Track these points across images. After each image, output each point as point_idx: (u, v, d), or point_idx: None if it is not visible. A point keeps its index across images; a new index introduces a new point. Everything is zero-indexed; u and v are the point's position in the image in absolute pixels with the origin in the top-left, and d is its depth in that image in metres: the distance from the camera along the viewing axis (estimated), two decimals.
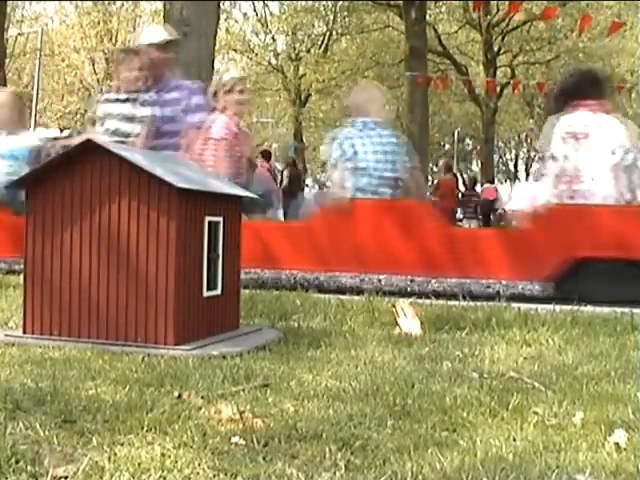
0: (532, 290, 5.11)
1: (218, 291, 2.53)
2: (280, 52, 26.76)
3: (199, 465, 1.30)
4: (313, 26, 25.73)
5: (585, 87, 4.72)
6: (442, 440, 1.49)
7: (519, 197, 5.02)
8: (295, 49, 25.67)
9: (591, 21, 10.29)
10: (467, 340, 2.69)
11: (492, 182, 19.54)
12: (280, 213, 8.85)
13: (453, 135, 33.33)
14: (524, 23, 21.93)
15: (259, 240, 4.41)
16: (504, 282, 5.18)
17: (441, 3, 22.59)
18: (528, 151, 35.71)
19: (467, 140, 37.28)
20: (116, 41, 27.87)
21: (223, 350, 2.30)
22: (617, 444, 1.47)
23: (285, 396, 1.78)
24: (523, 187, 5.43)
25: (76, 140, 3.45)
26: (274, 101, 28.37)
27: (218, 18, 7.58)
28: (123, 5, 28.02)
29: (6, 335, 2.44)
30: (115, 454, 1.34)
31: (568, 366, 2.23)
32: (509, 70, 24.92)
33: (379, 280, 5.54)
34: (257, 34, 27.17)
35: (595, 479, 1.31)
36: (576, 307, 3.36)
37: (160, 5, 18.33)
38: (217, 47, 9.54)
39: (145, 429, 1.49)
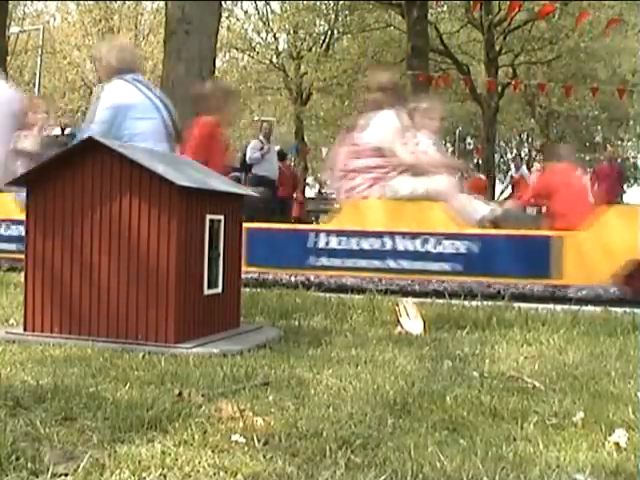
0: None
1: (219, 289, 2.53)
2: (281, 50, 26.72)
3: (199, 463, 1.30)
4: (314, 25, 25.68)
5: None
6: (442, 439, 1.49)
7: None
8: (296, 47, 25.61)
9: (589, 16, 10.29)
10: (468, 339, 2.69)
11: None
12: None
13: (454, 134, 33.30)
14: (525, 23, 21.89)
15: None
16: None
17: (443, 2, 22.55)
18: (529, 151, 35.69)
19: (468, 139, 37.24)
20: None
21: (224, 348, 2.30)
22: (617, 444, 1.47)
23: (285, 394, 1.78)
24: None
25: None
26: (275, 100, 28.33)
27: (219, 16, 7.58)
28: (125, 3, 27.98)
29: (7, 332, 2.44)
30: (115, 452, 1.34)
31: (568, 366, 2.23)
32: (510, 70, 24.88)
33: (380, 279, 5.54)
34: (259, 32, 27.13)
35: (595, 479, 1.31)
36: (576, 307, 3.37)
37: (162, 3, 18.31)
38: (218, 45, 9.52)
39: (145, 427, 1.49)
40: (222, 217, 2.53)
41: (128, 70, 4.78)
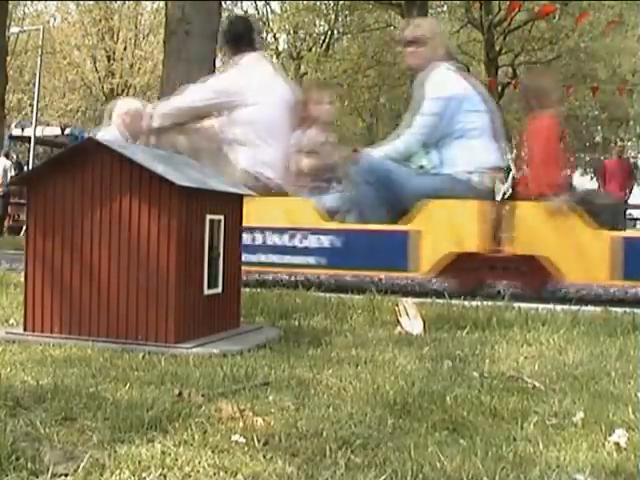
0: None
1: (219, 289, 2.53)
2: (281, 51, 26.75)
3: (199, 463, 1.30)
4: (314, 25, 25.73)
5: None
6: (442, 439, 1.48)
7: None
8: (296, 48, 25.66)
9: (589, 16, 10.33)
10: (468, 339, 2.69)
11: None
12: None
13: None
14: (525, 23, 21.91)
15: None
16: None
17: (442, 2, 22.57)
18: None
19: None
20: (117, 39, 27.87)
21: (224, 348, 2.31)
22: (617, 444, 1.47)
23: (285, 395, 1.78)
24: None
25: None
26: None
27: (220, 16, 7.57)
28: (125, 3, 28.01)
29: (7, 333, 2.44)
30: (115, 452, 1.34)
31: (568, 366, 2.23)
32: (510, 70, 24.90)
33: (380, 279, 5.54)
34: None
35: (595, 479, 1.31)
36: (576, 307, 3.37)
37: (162, 3, 18.30)
38: (218, 45, 9.53)
39: (145, 427, 1.49)
40: (222, 217, 2.53)
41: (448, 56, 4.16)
